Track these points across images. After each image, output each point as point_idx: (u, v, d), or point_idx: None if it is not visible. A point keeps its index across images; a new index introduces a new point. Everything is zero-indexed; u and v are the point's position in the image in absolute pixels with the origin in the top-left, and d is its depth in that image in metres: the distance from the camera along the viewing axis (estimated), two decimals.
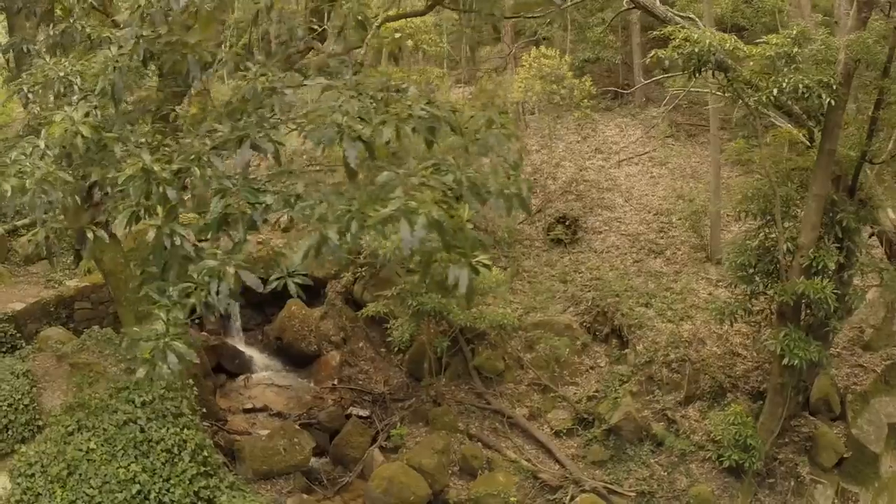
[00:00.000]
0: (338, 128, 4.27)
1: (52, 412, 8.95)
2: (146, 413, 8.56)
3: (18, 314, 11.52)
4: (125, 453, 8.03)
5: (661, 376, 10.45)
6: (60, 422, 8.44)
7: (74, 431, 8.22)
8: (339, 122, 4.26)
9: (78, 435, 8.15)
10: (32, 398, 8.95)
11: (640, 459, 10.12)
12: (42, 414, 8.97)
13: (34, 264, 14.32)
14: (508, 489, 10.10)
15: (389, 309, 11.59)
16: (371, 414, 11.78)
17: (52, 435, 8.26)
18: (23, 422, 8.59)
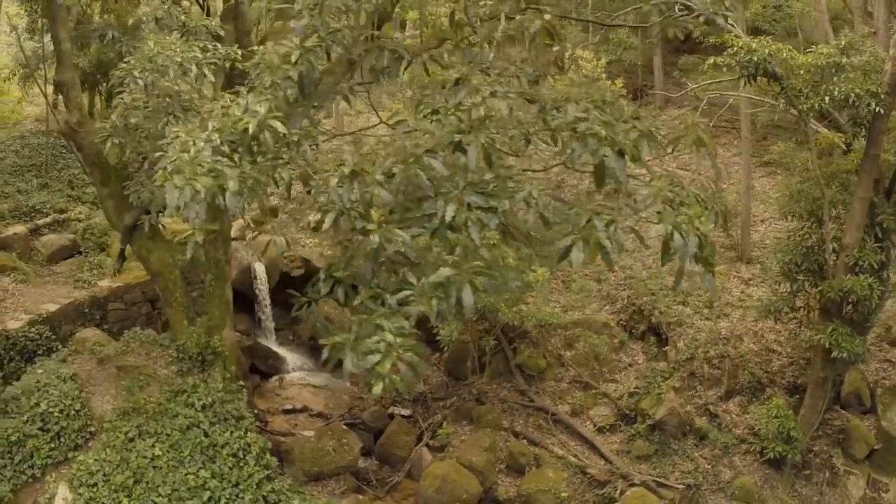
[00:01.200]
0: (598, 139, 3.95)
1: (104, 417, 8.39)
2: (208, 417, 8.08)
3: (53, 315, 10.84)
4: (192, 459, 7.54)
5: (702, 372, 10.38)
6: (118, 428, 7.90)
7: (135, 438, 7.69)
8: (596, 132, 3.92)
9: (140, 441, 7.63)
10: (83, 403, 8.37)
11: (684, 453, 10.00)
12: (93, 419, 8.41)
13: (56, 264, 13.57)
14: (558, 485, 9.88)
15: None
16: (413, 413, 11.44)
17: (112, 442, 7.71)
18: (76, 428, 7.99)
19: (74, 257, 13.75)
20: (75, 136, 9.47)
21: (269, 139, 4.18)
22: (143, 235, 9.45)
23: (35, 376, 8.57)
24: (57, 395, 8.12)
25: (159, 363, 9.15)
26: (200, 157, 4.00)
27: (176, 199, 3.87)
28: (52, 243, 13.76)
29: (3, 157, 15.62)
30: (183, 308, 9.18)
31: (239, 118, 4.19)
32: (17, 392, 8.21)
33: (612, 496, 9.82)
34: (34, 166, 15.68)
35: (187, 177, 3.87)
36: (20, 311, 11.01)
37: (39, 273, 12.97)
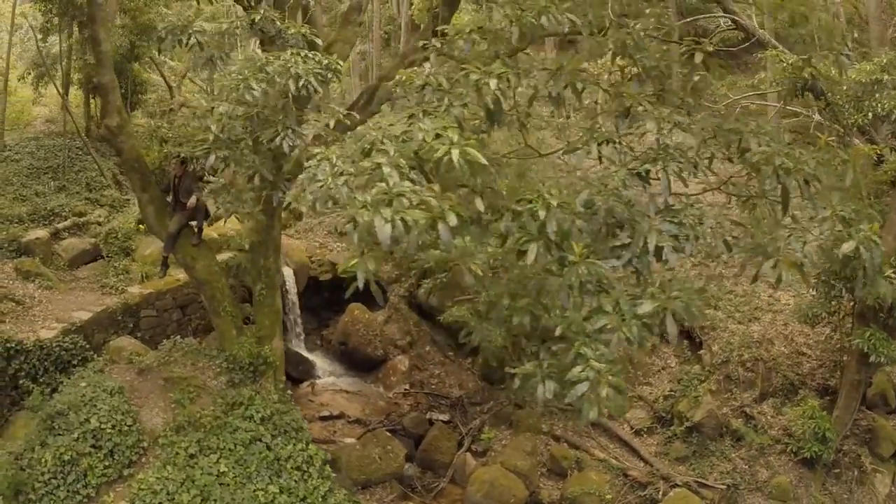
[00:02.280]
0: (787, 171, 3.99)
1: (155, 432, 7.73)
2: (269, 430, 7.50)
3: (86, 324, 10.07)
4: (259, 474, 6.96)
5: (737, 375, 10.17)
6: (176, 443, 7.26)
7: (197, 454, 7.07)
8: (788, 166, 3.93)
9: (203, 457, 7.01)
10: (134, 418, 7.68)
11: (721, 454, 9.78)
12: (144, 434, 7.73)
13: (78, 268, 12.71)
14: (602, 487, 9.55)
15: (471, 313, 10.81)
16: (452, 418, 10.98)
17: (172, 458, 7.07)
18: (129, 444, 7.30)
19: (96, 262, 12.92)
20: (115, 139, 8.74)
21: (464, 165, 3.72)
22: (188, 243, 8.79)
23: (79, 390, 7.84)
24: (107, 410, 7.43)
25: (207, 374, 8.50)
26: (399, 188, 3.52)
27: (388, 232, 3.45)
28: (72, 247, 12.90)
29: (19, 158, 14.62)
30: (231, 317, 8.54)
31: (429, 144, 3.71)
32: (62, 407, 7.49)
33: (653, 497, 9.54)
34: (50, 168, 14.72)
35: (395, 209, 3.39)
36: (50, 320, 10.20)
37: (62, 279, 12.12)
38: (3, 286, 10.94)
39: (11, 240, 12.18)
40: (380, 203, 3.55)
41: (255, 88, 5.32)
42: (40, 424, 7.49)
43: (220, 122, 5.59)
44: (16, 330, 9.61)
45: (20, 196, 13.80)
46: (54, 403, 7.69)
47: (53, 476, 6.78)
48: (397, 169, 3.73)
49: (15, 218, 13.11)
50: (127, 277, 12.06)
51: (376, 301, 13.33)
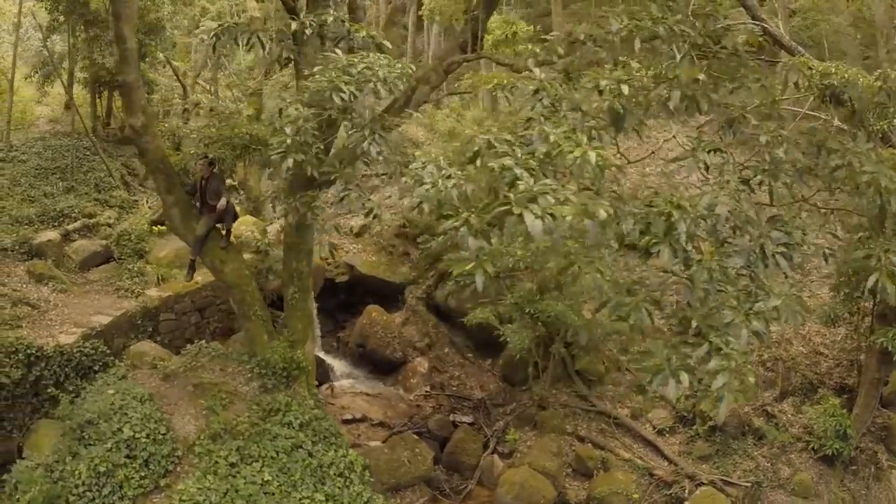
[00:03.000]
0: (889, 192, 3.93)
1: (188, 440, 7.30)
2: (308, 436, 7.14)
3: (106, 328, 9.58)
4: (303, 482, 6.59)
5: (758, 374, 10.09)
6: (214, 451, 6.85)
7: (238, 462, 6.67)
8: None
9: (245, 466, 6.62)
10: (167, 426, 7.26)
11: (744, 452, 9.67)
12: (177, 443, 7.31)
13: (89, 271, 12.14)
14: (629, 486, 9.38)
15: (495, 315, 10.56)
16: (475, 420, 10.71)
17: (212, 467, 6.66)
18: (164, 454, 6.86)
19: (108, 264, 12.37)
20: (139, 139, 8.27)
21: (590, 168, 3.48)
22: (216, 245, 8.37)
23: (107, 398, 7.39)
24: (139, 419, 6.99)
25: (238, 380, 8.10)
26: (541, 187, 3.28)
27: (540, 226, 3.39)
28: (83, 249, 12.32)
29: (26, 159, 13.96)
30: (262, 321, 8.15)
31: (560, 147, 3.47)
32: (92, 416, 7.04)
33: (679, 496, 9.38)
34: (58, 169, 14.09)
35: (543, 206, 3.18)
36: (68, 324, 9.69)
37: (74, 281, 11.56)
38: (17, 290, 10.39)
39: (22, 242, 11.59)
40: (528, 200, 3.45)
41: (343, 91, 4.95)
42: (69, 434, 7.03)
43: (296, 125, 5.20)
44: (34, 335, 9.10)
45: (28, 197, 13.18)
46: (82, 412, 7.24)
47: (88, 489, 6.34)
48: (527, 170, 3.49)
49: (24, 219, 12.51)
50: (142, 280, 11.56)
51: (393, 303, 13.03)
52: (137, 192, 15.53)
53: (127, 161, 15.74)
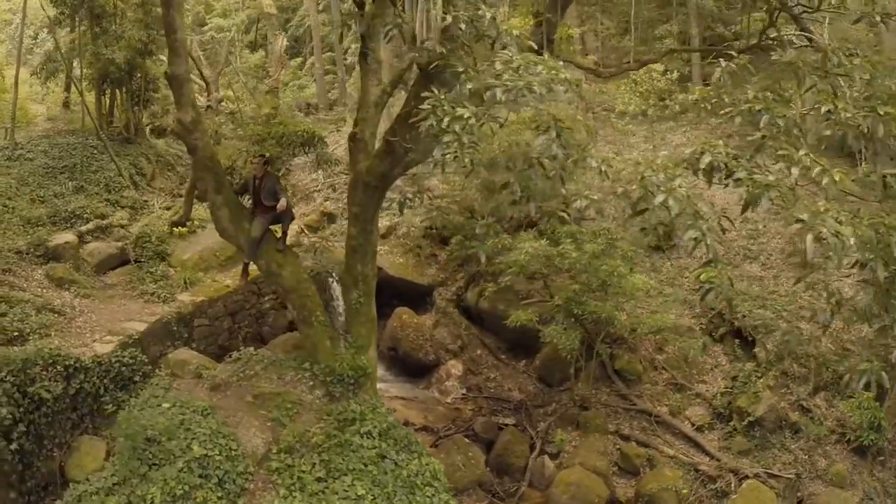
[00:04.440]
0: None
1: (256, 454, 6.61)
2: (390, 445, 6.58)
3: (142, 336, 8.71)
4: (396, 495, 6.03)
5: (792, 371, 10.06)
6: (295, 466, 6.21)
7: (326, 477, 6.06)
8: None
9: (334, 481, 6.01)
10: (236, 441, 6.55)
11: (782, 446, 9.58)
12: (246, 458, 6.60)
13: (105, 274, 11.14)
14: (677, 482, 9.16)
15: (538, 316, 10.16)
16: (517, 422, 10.28)
17: (297, 483, 6.03)
18: (239, 471, 6.17)
19: (124, 267, 11.39)
20: (188, 136, 7.51)
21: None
22: (272, 248, 7.68)
23: (166, 412, 6.62)
24: (207, 434, 6.26)
25: (300, 388, 7.43)
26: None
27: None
28: (98, 252, 11.31)
29: (33, 157, 12.77)
30: (324, 327, 7.51)
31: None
32: (153, 433, 6.27)
33: (724, 490, 9.22)
34: (66, 168, 12.94)
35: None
36: (100, 332, 8.78)
37: (94, 285, 10.56)
38: (38, 295, 9.38)
39: (37, 244, 10.52)
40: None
41: (535, 91, 4.42)
42: (126, 453, 6.22)
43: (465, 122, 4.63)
44: (65, 344, 8.18)
45: (38, 197, 12.03)
46: (138, 428, 6.44)
47: None
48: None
49: (35, 220, 11.38)
50: (167, 284, 10.67)
51: (421, 305, 12.48)
52: (146, 192, 14.46)
53: (134, 160, 14.63)
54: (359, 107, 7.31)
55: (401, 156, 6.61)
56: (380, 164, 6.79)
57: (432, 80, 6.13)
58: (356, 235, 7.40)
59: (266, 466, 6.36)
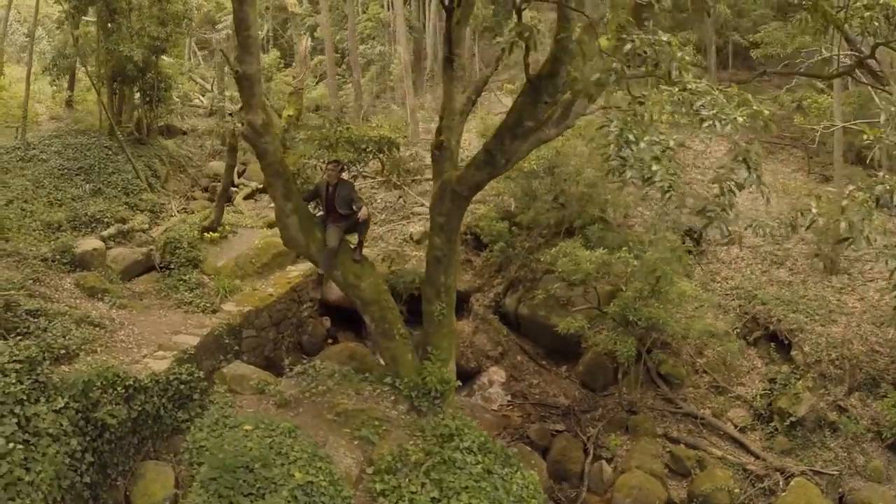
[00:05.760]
0: None
1: (351, 475, 6.03)
2: (492, 460, 6.18)
3: (196, 350, 7.97)
4: None
5: (829, 372, 10.17)
6: (404, 486, 5.74)
7: (441, 497, 5.59)
8: None
9: (450, 500, 5.55)
10: (332, 463, 5.97)
11: (822, 444, 9.68)
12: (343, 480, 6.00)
13: (131, 281, 10.25)
14: (728, 482, 9.11)
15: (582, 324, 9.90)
16: (567, 427, 10.01)
17: None
18: (344, 496, 5.61)
19: (149, 274, 10.52)
20: (259, 139, 6.88)
21: None
22: (349, 258, 7.12)
23: (251, 436, 6.01)
24: (305, 458, 5.69)
25: (383, 404, 6.92)
26: None
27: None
28: (123, 258, 10.42)
29: (46, 158, 11.66)
30: (406, 340, 7.01)
31: None
32: (244, 460, 5.66)
33: (772, 489, 9.22)
34: (82, 169, 11.91)
35: None
36: (147, 346, 7.99)
37: (122, 294, 9.65)
38: (73, 306, 8.46)
39: (63, 250, 9.53)
40: None
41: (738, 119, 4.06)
42: (215, 482, 5.60)
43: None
44: (114, 361, 7.36)
45: (55, 200, 10.98)
46: (221, 453, 5.82)
47: None
48: None
49: (55, 224, 10.37)
50: (203, 293, 9.87)
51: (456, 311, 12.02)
52: (161, 194, 13.47)
53: (148, 161, 13.63)
54: (442, 114, 6.85)
55: (501, 166, 6.22)
56: (476, 173, 6.36)
57: (542, 90, 5.79)
58: (441, 246, 6.94)
59: (366, 488, 5.84)
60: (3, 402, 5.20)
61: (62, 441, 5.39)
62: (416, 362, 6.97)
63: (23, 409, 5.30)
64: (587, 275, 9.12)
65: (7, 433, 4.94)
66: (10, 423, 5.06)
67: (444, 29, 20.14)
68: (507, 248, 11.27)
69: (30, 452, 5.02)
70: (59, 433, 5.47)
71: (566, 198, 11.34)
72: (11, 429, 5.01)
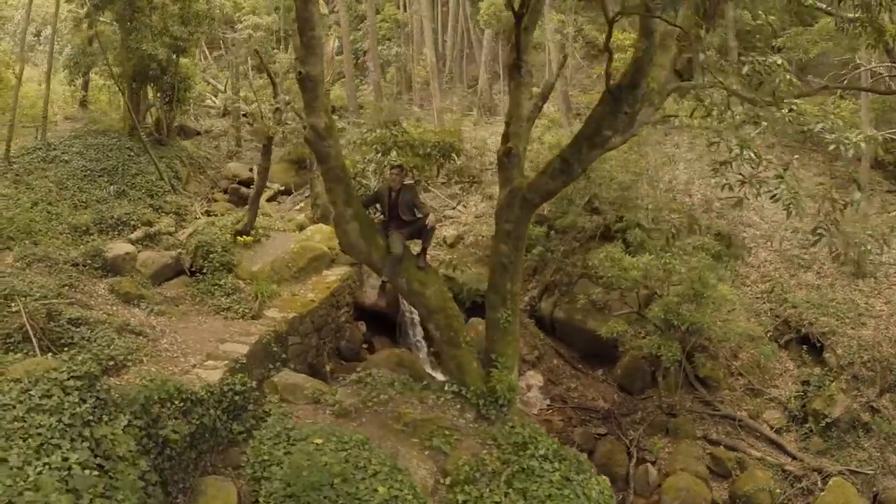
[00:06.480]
0: None
1: (426, 487, 5.77)
2: (567, 467, 5.97)
3: (248, 359, 7.60)
4: None
5: (861, 374, 10.20)
6: (487, 497, 5.48)
7: None
8: None
9: None
10: (410, 475, 5.69)
11: (856, 444, 9.69)
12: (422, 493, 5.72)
13: (161, 285, 9.79)
14: (769, 483, 9.07)
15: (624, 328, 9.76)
16: (608, 431, 9.87)
17: None
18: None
19: (178, 278, 10.07)
20: (321, 143, 6.55)
21: None
22: (413, 265, 6.84)
23: (324, 449, 5.70)
24: (385, 472, 5.40)
25: (449, 412, 6.65)
26: None
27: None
28: (152, 262, 9.96)
29: (68, 159, 11.12)
30: (471, 348, 6.76)
31: None
32: (324, 476, 5.34)
33: (810, 488, 9.22)
34: (105, 171, 11.39)
35: None
36: (195, 355, 7.60)
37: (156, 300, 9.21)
38: (111, 313, 8.02)
39: (93, 255, 9.05)
40: None
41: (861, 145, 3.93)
42: (294, 499, 5.28)
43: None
44: (164, 371, 6.97)
45: (79, 202, 10.45)
46: (300, 469, 5.50)
47: None
48: None
49: (82, 228, 9.86)
50: (240, 298, 9.47)
51: None
52: (183, 196, 12.97)
53: (170, 163, 13.12)
54: (509, 121, 6.61)
55: (577, 174, 6.03)
56: (550, 181, 6.15)
57: (622, 100, 5.61)
58: (507, 253, 6.69)
59: (445, 499, 5.58)
60: (71, 425, 4.78)
61: (135, 463, 5.01)
62: (481, 370, 6.72)
63: (91, 431, 4.90)
64: (635, 282, 8.96)
65: (82, 459, 4.51)
66: (83, 448, 4.63)
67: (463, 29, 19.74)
68: (544, 252, 11.07)
69: (109, 480, 4.61)
70: (129, 454, 5.09)
71: (600, 202, 11.19)
72: (85, 454, 4.59)
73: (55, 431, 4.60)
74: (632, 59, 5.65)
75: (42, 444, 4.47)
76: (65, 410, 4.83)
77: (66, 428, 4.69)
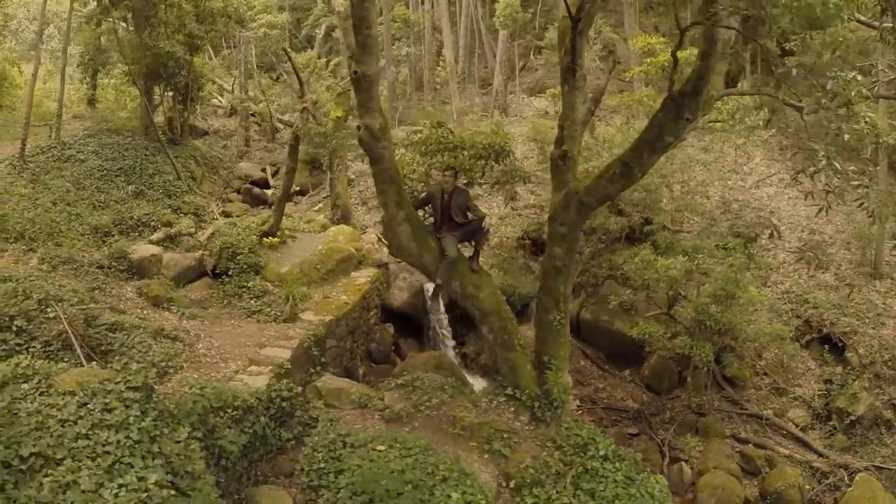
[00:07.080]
0: None
1: (489, 490, 5.64)
2: (626, 468, 5.90)
3: (291, 364, 7.36)
4: None
5: (883, 373, 10.34)
6: (555, 499, 5.37)
7: None
8: None
9: None
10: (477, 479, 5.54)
11: (879, 441, 9.82)
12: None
13: (184, 287, 9.48)
14: (798, 479, 9.15)
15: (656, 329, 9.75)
16: (640, 430, 9.85)
17: None
18: None
19: (201, 280, 9.77)
20: (375, 144, 6.36)
21: None
22: (466, 269, 6.69)
23: (388, 456, 5.52)
24: (454, 478, 5.23)
25: (504, 415, 6.53)
26: None
27: None
28: (175, 263, 9.63)
29: (84, 158, 10.71)
30: (525, 351, 6.65)
31: None
32: (396, 483, 5.16)
33: (837, 485, 9.32)
34: (122, 170, 11.00)
35: None
36: (236, 360, 7.33)
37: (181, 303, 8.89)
38: (143, 317, 7.71)
39: (118, 256, 8.70)
40: None
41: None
42: None
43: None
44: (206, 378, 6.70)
45: (98, 202, 10.05)
46: (366, 479, 5.31)
47: None
48: None
49: (102, 228, 9.49)
50: (270, 300, 9.19)
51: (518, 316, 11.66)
52: (198, 196, 12.61)
53: (185, 162, 12.75)
54: (563, 124, 6.50)
55: (636, 178, 5.97)
56: (608, 185, 6.07)
57: (684, 107, 5.55)
58: (562, 256, 6.58)
59: (513, 503, 5.45)
60: (140, 441, 4.50)
61: (202, 478, 4.76)
62: (534, 372, 6.62)
63: (160, 447, 4.63)
64: (674, 280, 8.94)
65: (158, 478, 4.22)
66: (156, 466, 4.34)
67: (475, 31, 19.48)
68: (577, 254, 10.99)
69: (185, 499, 4.34)
70: (196, 469, 4.83)
71: (625, 203, 11.17)
72: (160, 473, 4.26)
73: (125, 449, 4.31)
74: (694, 67, 5.60)
75: (113, 463, 4.18)
76: (131, 425, 4.55)
77: (135, 445, 4.41)
